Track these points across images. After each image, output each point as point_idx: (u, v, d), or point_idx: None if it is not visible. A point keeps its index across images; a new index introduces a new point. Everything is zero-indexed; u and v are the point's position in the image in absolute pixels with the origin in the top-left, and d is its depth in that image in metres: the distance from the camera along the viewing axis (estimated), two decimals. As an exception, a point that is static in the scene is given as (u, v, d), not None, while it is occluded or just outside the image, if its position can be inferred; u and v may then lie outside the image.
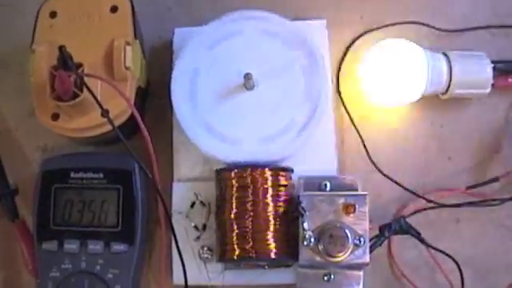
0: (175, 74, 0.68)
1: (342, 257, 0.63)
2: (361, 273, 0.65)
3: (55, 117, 0.66)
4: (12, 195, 0.71)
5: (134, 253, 0.67)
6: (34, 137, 0.73)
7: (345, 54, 0.73)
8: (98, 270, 0.66)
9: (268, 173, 0.65)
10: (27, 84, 0.68)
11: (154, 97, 0.73)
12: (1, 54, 0.76)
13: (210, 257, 0.67)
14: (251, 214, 0.64)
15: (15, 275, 0.71)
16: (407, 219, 0.67)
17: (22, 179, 0.72)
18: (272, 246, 0.64)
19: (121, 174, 0.68)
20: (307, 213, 0.64)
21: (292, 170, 0.66)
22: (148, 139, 0.64)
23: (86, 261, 0.66)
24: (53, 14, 0.69)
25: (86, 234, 0.67)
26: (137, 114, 0.65)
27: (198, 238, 0.68)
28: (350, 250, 0.63)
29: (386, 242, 0.68)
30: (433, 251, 0.68)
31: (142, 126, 0.64)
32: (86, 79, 0.64)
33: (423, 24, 0.74)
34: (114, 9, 0.69)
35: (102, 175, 0.68)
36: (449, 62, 0.70)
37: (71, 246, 0.67)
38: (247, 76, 0.66)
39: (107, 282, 0.66)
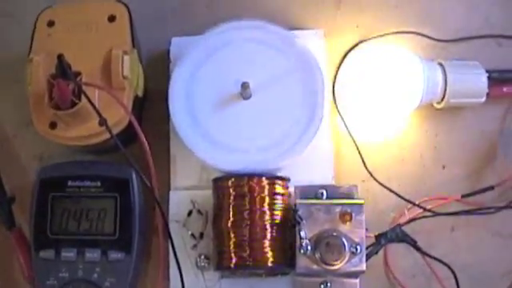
0: (172, 83, 0.69)
1: (338, 265, 0.63)
2: (357, 281, 0.65)
3: (53, 125, 0.67)
4: (9, 203, 0.71)
5: (131, 261, 0.67)
6: (31, 145, 0.73)
7: (341, 64, 0.74)
8: (95, 278, 0.66)
9: (265, 181, 0.65)
10: (25, 93, 0.68)
11: (151, 106, 0.73)
12: (-2, 63, 0.77)
13: (207, 265, 0.68)
14: (248, 222, 0.64)
15: (12, 284, 0.71)
16: (403, 227, 0.68)
17: (19, 188, 0.72)
18: (269, 254, 0.64)
19: (118, 182, 0.68)
20: (304, 221, 0.64)
21: (289, 179, 0.67)
22: (146, 146, 0.65)
23: (83, 269, 0.66)
24: (51, 23, 0.70)
25: (83, 242, 0.67)
26: (134, 121, 0.65)
27: (195, 246, 0.68)
28: (346, 258, 0.63)
29: (381, 251, 0.68)
30: (428, 259, 0.68)
31: (140, 132, 0.65)
32: (83, 88, 0.64)
33: (418, 34, 0.74)
34: (111, 18, 0.69)
35: (99, 183, 0.68)
36: (444, 71, 0.70)
37: (68, 254, 0.67)
38: (244, 85, 0.66)
39: (104, 290, 0.66)
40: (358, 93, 0.71)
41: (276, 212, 0.65)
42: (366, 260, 0.64)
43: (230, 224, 0.64)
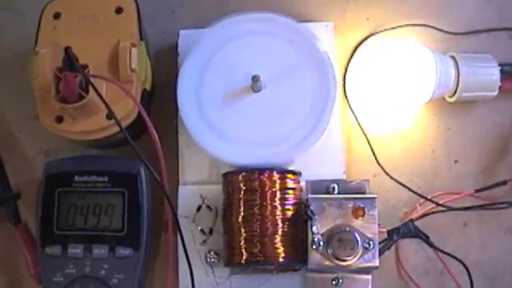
0: (181, 76, 0.68)
1: (351, 261, 0.62)
2: (369, 277, 0.64)
3: (59, 119, 0.66)
4: (14, 199, 0.70)
5: (140, 257, 0.66)
6: (36, 140, 0.72)
7: (351, 57, 0.73)
8: (103, 275, 0.65)
9: (276, 176, 0.64)
10: (29, 87, 0.67)
11: (159, 100, 0.72)
12: (2, 57, 0.75)
13: (216, 261, 0.67)
14: (259, 217, 0.63)
15: (18, 280, 0.70)
16: (415, 223, 0.67)
17: (25, 183, 0.71)
18: (280, 249, 0.63)
19: (126, 177, 0.67)
20: (316, 216, 0.63)
21: (300, 173, 0.66)
22: (156, 139, 0.64)
23: (91, 265, 0.65)
24: (57, 16, 0.69)
25: (90, 238, 0.66)
26: (144, 113, 0.64)
27: (205, 242, 0.67)
28: (359, 254, 0.62)
29: (393, 246, 0.67)
30: (441, 255, 0.68)
31: (150, 125, 0.64)
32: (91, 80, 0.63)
33: (429, 26, 0.74)
34: (119, 10, 0.68)
35: (106, 179, 0.67)
36: (456, 65, 0.69)
37: (75, 250, 0.66)
38: (255, 78, 0.65)
39: (112, 287, 0.65)
40: (369, 86, 0.70)
41: (287, 207, 0.64)
42: (379, 256, 0.63)
43: (240, 219, 0.64)
